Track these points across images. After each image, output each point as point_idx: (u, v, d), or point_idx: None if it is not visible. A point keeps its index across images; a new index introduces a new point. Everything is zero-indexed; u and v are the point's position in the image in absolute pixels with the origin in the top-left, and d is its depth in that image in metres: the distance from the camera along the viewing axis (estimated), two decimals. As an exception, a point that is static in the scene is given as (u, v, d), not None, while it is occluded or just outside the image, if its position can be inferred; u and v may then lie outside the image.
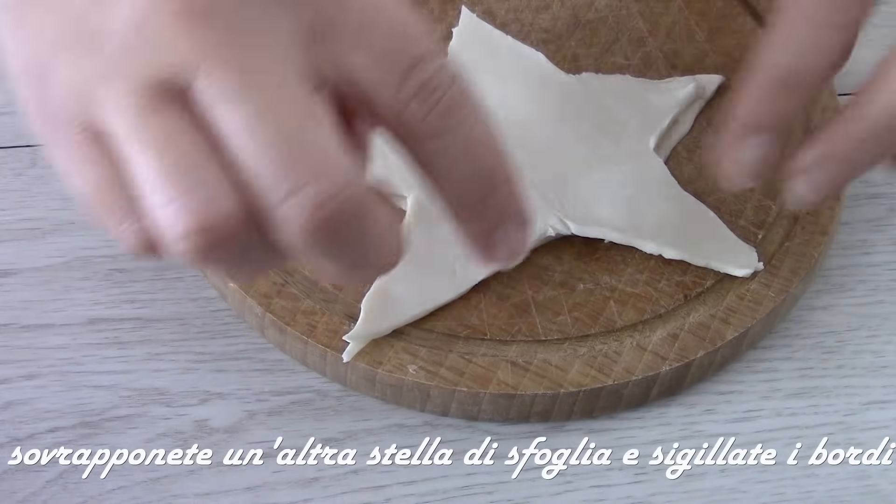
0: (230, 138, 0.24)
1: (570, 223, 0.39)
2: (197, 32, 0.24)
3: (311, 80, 0.25)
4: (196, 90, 0.24)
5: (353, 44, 0.26)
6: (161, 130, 0.24)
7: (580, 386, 0.36)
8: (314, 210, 0.24)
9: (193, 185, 0.24)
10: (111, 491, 0.35)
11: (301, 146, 0.24)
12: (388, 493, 0.36)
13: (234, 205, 0.24)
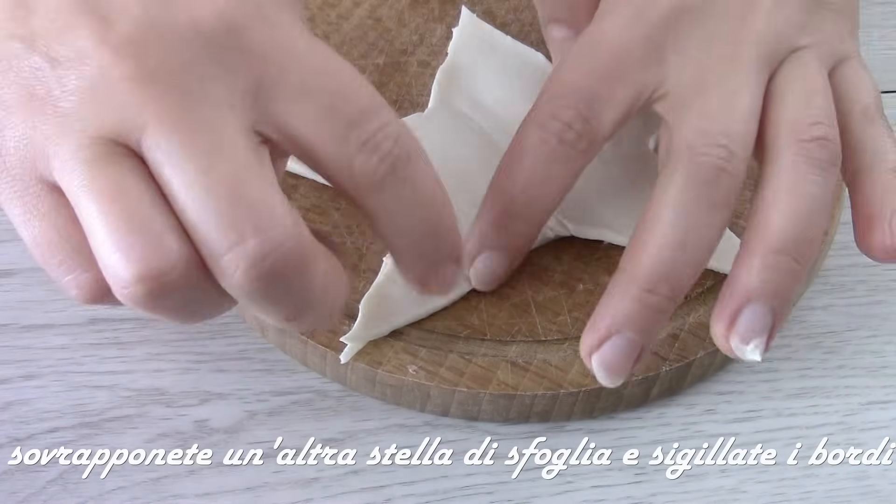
0: (176, 194, 0.25)
1: (570, 224, 0.39)
2: (145, 94, 0.25)
3: (254, 138, 0.26)
4: (144, 148, 0.25)
5: (295, 102, 0.27)
6: (110, 183, 0.25)
7: (580, 386, 0.36)
8: (253, 263, 0.25)
9: (139, 236, 0.25)
10: (111, 491, 0.35)
11: (241, 201, 0.25)
12: (388, 493, 0.36)
13: (177, 255, 0.25)
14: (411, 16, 0.46)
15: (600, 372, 0.33)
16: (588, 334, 0.33)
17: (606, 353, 0.33)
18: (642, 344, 0.33)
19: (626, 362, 0.33)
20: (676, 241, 0.32)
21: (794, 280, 0.32)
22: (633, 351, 0.33)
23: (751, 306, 0.32)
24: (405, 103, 0.43)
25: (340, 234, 0.39)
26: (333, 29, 0.46)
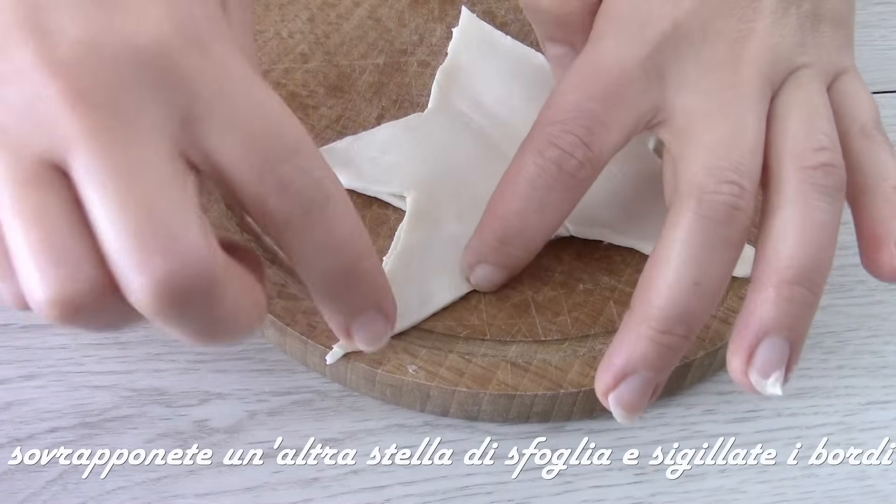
0: (94, 213, 0.26)
1: (569, 224, 0.39)
2: (74, 113, 0.25)
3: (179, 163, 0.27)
4: (71, 167, 0.26)
5: (220, 136, 0.27)
6: (35, 205, 0.26)
7: (580, 386, 0.36)
8: (158, 284, 0.25)
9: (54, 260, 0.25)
10: (111, 491, 0.35)
11: (154, 222, 0.25)
12: (388, 493, 0.36)
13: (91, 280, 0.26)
14: (411, 16, 0.46)
15: (617, 410, 0.33)
16: (603, 374, 0.33)
17: (623, 393, 0.33)
18: (657, 381, 0.33)
19: (643, 400, 0.33)
20: (690, 281, 0.32)
21: (809, 310, 0.32)
22: (649, 389, 0.33)
23: (768, 340, 0.32)
24: (405, 103, 0.43)
25: (340, 234, 0.39)
26: (333, 29, 0.46)
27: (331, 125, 0.42)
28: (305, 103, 0.43)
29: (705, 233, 0.32)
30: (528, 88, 0.43)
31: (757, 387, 0.32)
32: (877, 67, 0.50)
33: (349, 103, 0.43)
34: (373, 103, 0.43)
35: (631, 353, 0.32)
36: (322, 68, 0.44)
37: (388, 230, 0.40)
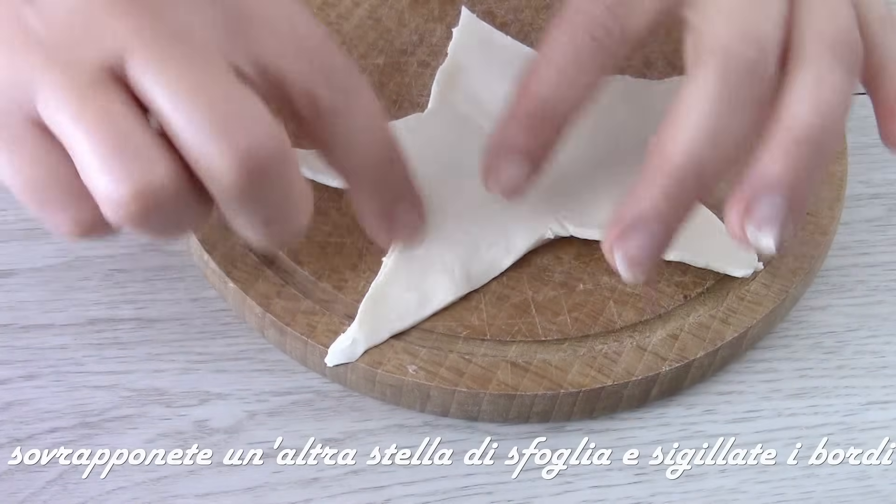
0: (164, 109, 0.27)
1: (569, 225, 0.39)
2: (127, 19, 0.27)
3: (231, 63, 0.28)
4: (130, 72, 0.27)
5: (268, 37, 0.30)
6: (98, 110, 0.26)
7: (580, 386, 0.36)
8: (244, 160, 0.27)
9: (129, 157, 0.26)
10: (111, 491, 0.35)
11: (228, 107, 0.27)
12: (388, 493, 0.36)
13: (167, 170, 0.27)
14: (411, 16, 0.46)
15: (622, 265, 0.33)
16: (612, 227, 0.33)
17: (631, 246, 0.33)
18: (666, 239, 0.33)
19: (650, 256, 0.33)
20: (708, 134, 0.32)
21: (814, 172, 0.32)
22: (657, 245, 0.33)
23: (769, 194, 0.32)
24: (405, 103, 0.43)
25: (340, 234, 0.39)
26: (333, 29, 0.46)
27: (331, 125, 0.42)
28: (305, 103, 0.43)
29: (728, 88, 0.32)
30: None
31: (751, 239, 0.32)
32: (877, 67, 0.50)
33: (349, 103, 0.43)
34: (373, 103, 0.43)
35: (642, 203, 0.32)
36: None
37: (388, 230, 0.40)
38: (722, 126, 0.32)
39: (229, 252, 0.38)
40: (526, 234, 0.39)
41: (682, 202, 0.32)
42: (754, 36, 0.32)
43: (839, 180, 0.43)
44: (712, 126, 0.32)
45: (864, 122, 0.47)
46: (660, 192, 0.32)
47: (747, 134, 0.32)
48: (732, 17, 0.33)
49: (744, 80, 0.32)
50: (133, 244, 0.41)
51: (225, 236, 0.39)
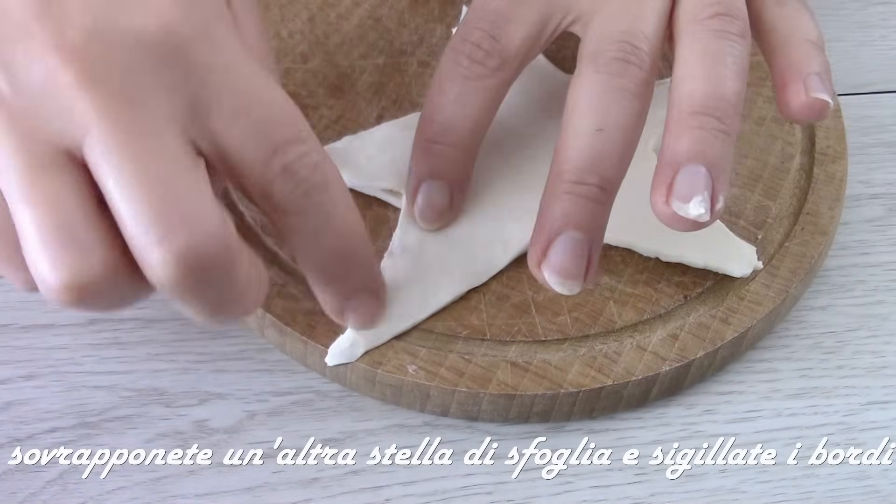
0: (111, 192, 0.26)
1: (570, 223, 0.39)
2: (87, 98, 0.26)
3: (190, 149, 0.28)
4: (86, 151, 0.26)
5: (228, 122, 0.28)
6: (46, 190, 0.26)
7: (580, 386, 0.36)
8: (181, 256, 0.26)
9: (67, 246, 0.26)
10: (111, 491, 0.35)
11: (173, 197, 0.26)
12: (388, 493, 0.36)
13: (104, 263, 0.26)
14: (411, 16, 0.46)
15: (554, 279, 0.33)
16: (532, 248, 0.34)
17: (554, 258, 0.33)
18: (588, 242, 0.33)
19: (577, 263, 0.33)
20: (591, 128, 0.33)
21: (720, 139, 0.32)
22: (580, 250, 0.33)
23: (684, 169, 0.32)
24: (405, 103, 0.43)
25: (340, 234, 0.39)
26: (333, 29, 0.46)
27: (331, 125, 0.42)
28: (305, 103, 0.43)
29: (600, 84, 0.33)
30: (526, 88, 0.43)
31: (680, 212, 0.32)
32: (877, 67, 0.50)
33: (349, 103, 0.43)
34: (373, 103, 0.43)
35: (552, 214, 0.33)
36: (322, 68, 0.44)
37: (388, 230, 0.40)
38: (602, 115, 0.33)
39: (229, 252, 0.38)
40: (524, 232, 0.39)
41: (592, 200, 0.33)
42: (625, 34, 0.34)
43: (839, 180, 0.43)
44: (593, 118, 0.33)
45: (863, 122, 0.47)
46: (564, 197, 0.33)
47: (635, 120, 0.33)
48: (604, 23, 0.35)
49: (614, 72, 0.33)
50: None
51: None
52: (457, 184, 0.38)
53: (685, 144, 0.32)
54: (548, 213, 0.33)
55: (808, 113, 0.34)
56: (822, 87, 0.34)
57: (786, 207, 0.42)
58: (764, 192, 0.42)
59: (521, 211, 0.39)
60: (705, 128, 0.32)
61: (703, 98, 0.33)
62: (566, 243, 0.33)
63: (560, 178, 0.33)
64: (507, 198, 0.40)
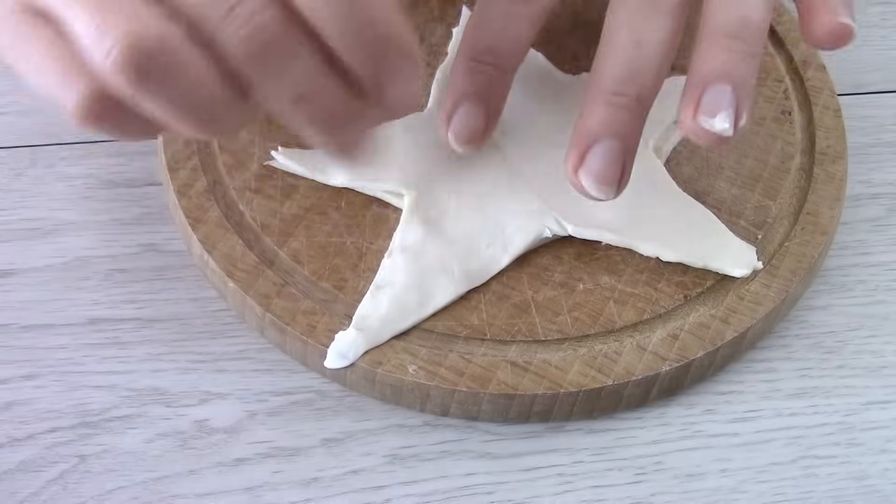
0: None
1: (568, 224, 0.39)
2: None
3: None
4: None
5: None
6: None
7: (580, 386, 0.36)
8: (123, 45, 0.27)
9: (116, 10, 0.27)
10: (111, 491, 0.35)
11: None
12: (388, 493, 0.36)
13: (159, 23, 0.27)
14: (411, 16, 0.46)
15: (590, 183, 0.35)
16: (570, 153, 0.35)
17: (591, 163, 0.34)
18: (623, 150, 0.34)
19: (613, 169, 0.34)
20: (630, 42, 0.34)
21: (747, 61, 0.34)
22: (617, 157, 0.34)
23: (712, 87, 0.33)
24: (405, 103, 0.43)
25: (340, 234, 0.39)
26: (333, 29, 0.45)
27: (331, 125, 0.42)
28: (305, 103, 0.43)
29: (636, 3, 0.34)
30: (527, 88, 0.43)
31: (705, 125, 0.33)
32: (877, 67, 0.50)
33: (349, 103, 0.43)
34: (373, 103, 0.43)
35: (591, 122, 0.34)
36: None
37: (388, 230, 0.40)
38: (640, 30, 0.34)
39: (229, 252, 0.38)
40: (524, 232, 0.39)
41: (628, 110, 0.34)
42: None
43: (839, 180, 0.43)
44: (633, 34, 0.34)
45: (864, 122, 0.47)
46: (603, 107, 0.34)
47: (671, 36, 0.34)
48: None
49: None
50: (133, 244, 0.41)
51: (225, 236, 0.39)
52: (494, 106, 0.39)
53: (714, 64, 0.34)
54: (586, 122, 0.35)
55: (832, 38, 0.35)
56: (847, 13, 0.35)
57: (786, 207, 0.42)
58: (764, 192, 0.42)
59: (521, 211, 0.39)
60: (734, 49, 0.34)
61: (734, 24, 0.34)
62: (604, 149, 0.34)
63: (599, 88, 0.34)
64: (507, 198, 0.40)
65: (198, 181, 0.40)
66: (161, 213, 0.41)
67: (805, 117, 0.45)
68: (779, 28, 0.47)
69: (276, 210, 0.40)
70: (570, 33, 0.46)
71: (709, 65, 0.34)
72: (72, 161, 0.43)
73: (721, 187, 0.42)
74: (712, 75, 0.34)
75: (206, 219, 0.39)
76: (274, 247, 0.39)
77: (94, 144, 0.43)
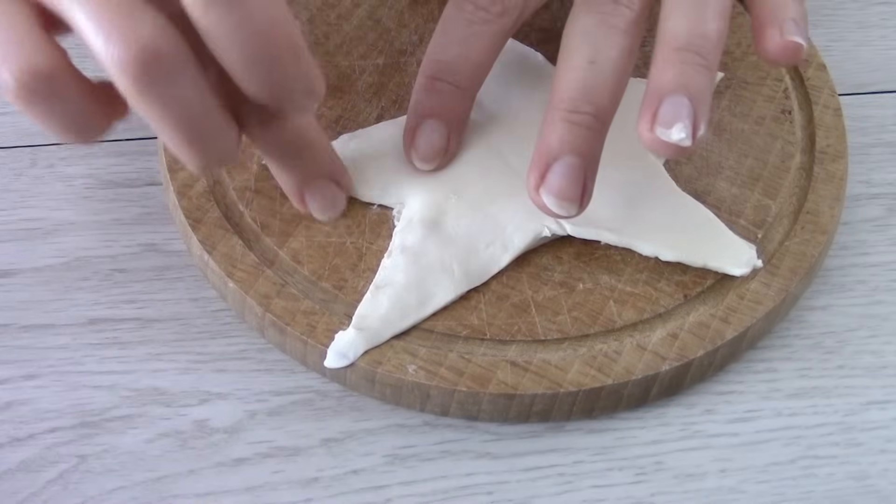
0: None
1: (567, 224, 0.39)
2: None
3: None
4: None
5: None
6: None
7: (580, 386, 0.36)
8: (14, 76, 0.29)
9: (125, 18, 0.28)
10: (111, 491, 0.35)
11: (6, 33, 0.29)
12: (388, 493, 0.36)
13: (164, 31, 0.28)
14: (411, 16, 0.46)
15: (552, 201, 0.36)
16: (531, 174, 0.36)
17: (552, 181, 0.35)
18: (583, 166, 0.35)
19: (573, 186, 0.35)
20: (584, 60, 0.35)
21: (701, 72, 0.34)
22: (577, 174, 0.35)
23: (668, 99, 0.34)
24: (405, 103, 0.43)
25: (340, 234, 0.39)
26: (333, 29, 0.46)
27: (331, 125, 0.42)
28: (305, 103, 0.43)
29: (591, 22, 0.35)
30: (526, 88, 0.43)
31: (662, 137, 0.34)
32: (877, 67, 0.50)
33: (349, 103, 0.43)
34: (372, 104, 0.43)
35: (550, 140, 0.35)
36: (322, 69, 0.44)
37: (387, 230, 0.40)
38: (594, 49, 0.35)
39: (229, 252, 0.38)
40: (524, 232, 0.39)
41: (586, 128, 0.35)
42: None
43: (839, 180, 0.43)
44: (588, 52, 0.35)
45: (864, 122, 0.47)
46: (561, 125, 0.35)
47: (626, 55, 0.35)
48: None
49: (608, 12, 0.35)
50: (133, 244, 0.41)
51: (225, 236, 0.39)
52: (455, 125, 0.40)
53: (668, 77, 0.34)
54: (545, 141, 0.35)
55: (783, 54, 0.36)
56: (797, 30, 0.36)
57: (786, 206, 0.42)
58: (764, 192, 0.42)
59: (520, 211, 0.39)
60: (687, 62, 0.34)
61: (685, 37, 0.34)
62: (563, 167, 0.35)
63: (556, 107, 0.35)
64: (506, 198, 0.40)
65: (198, 181, 0.40)
66: (161, 213, 0.41)
67: (805, 116, 0.45)
68: (779, 28, 0.48)
69: (276, 210, 0.40)
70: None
71: (665, 77, 0.34)
72: (72, 161, 0.43)
73: (721, 187, 0.42)
74: (668, 87, 0.34)
75: (206, 219, 0.39)
76: (274, 247, 0.39)
77: (95, 144, 0.43)
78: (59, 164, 0.43)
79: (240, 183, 0.40)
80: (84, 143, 0.33)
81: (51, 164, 0.43)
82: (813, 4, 0.39)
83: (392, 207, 0.40)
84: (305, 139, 0.35)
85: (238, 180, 0.40)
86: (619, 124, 0.42)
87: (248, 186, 0.40)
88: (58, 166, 0.43)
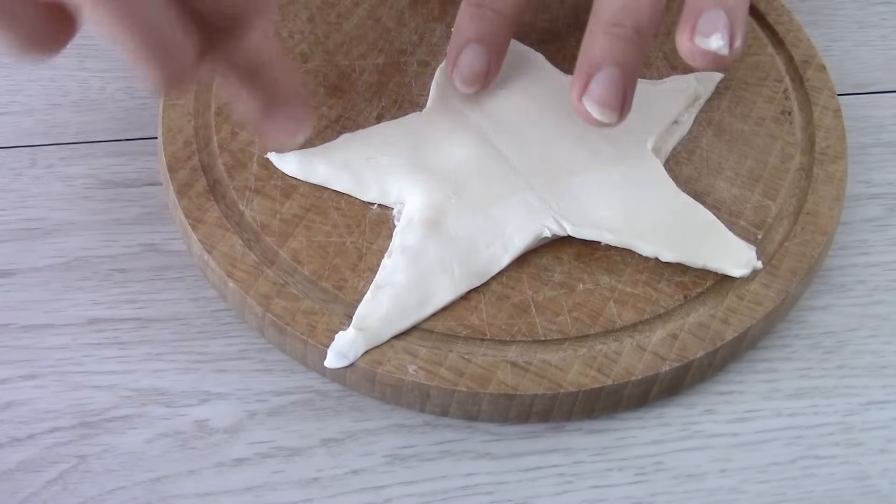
0: None
1: (567, 224, 0.39)
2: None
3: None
4: None
5: None
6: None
7: (580, 386, 0.36)
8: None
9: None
10: (111, 491, 0.35)
11: None
12: (388, 493, 0.36)
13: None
14: (411, 16, 0.46)
15: (594, 108, 0.37)
16: (574, 84, 0.37)
17: (594, 89, 0.37)
18: (624, 76, 0.36)
19: (615, 94, 0.36)
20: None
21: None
22: (618, 83, 0.36)
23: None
24: (405, 103, 0.43)
25: (340, 234, 0.39)
26: (333, 29, 0.46)
27: (331, 125, 0.42)
28: (305, 103, 0.43)
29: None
30: (527, 88, 0.43)
31: (702, 45, 0.35)
32: (877, 67, 0.50)
33: (349, 103, 0.43)
34: (373, 103, 0.43)
35: (592, 51, 0.36)
36: (322, 68, 0.44)
37: (388, 230, 0.40)
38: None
39: (229, 252, 0.38)
40: (524, 232, 0.39)
41: (627, 40, 0.36)
42: None
43: (839, 180, 0.43)
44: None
45: (863, 122, 0.47)
46: (602, 38, 0.36)
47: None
48: None
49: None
50: (133, 244, 0.41)
51: (225, 236, 0.39)
52: (496, 50, 0.41)
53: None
54: (587, 53, 0.37)
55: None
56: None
57: (786, 207, 0.42)
58: (764, 192, 0.42)
59: (521, 211, 0.39)
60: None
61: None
62: (605, 76, 0.36)
63: (598, 20, 0.36)
64: (506, 198, 0.40)
65: (198, 181, 0.40)
66: (161, 213, 0.41)
67: (805, 117, 0.45)
68: (778, 28, 0.48)
69: (276, 210, 0.40)
70: (570, 33, 0.46)
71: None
72: (72, 161, 0.43)
73: (721, 187, 0.42)
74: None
75: (206, 219, 0.39)
76: (274, 247, 0.39)
77: (95, 144, 0.43)
78: (59, 164, 0.43)
79: (240, 183, 0.40)
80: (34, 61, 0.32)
81: (50, 164, 0.43)
82: (813, 4, 0.39)
83: (392, 207, 0.40)
84: (263, 58, 0.34)
85: (238, 180, 0.40)
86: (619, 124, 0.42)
87: (248, 186, 0.40)
88: (57, 166, 0.43)
